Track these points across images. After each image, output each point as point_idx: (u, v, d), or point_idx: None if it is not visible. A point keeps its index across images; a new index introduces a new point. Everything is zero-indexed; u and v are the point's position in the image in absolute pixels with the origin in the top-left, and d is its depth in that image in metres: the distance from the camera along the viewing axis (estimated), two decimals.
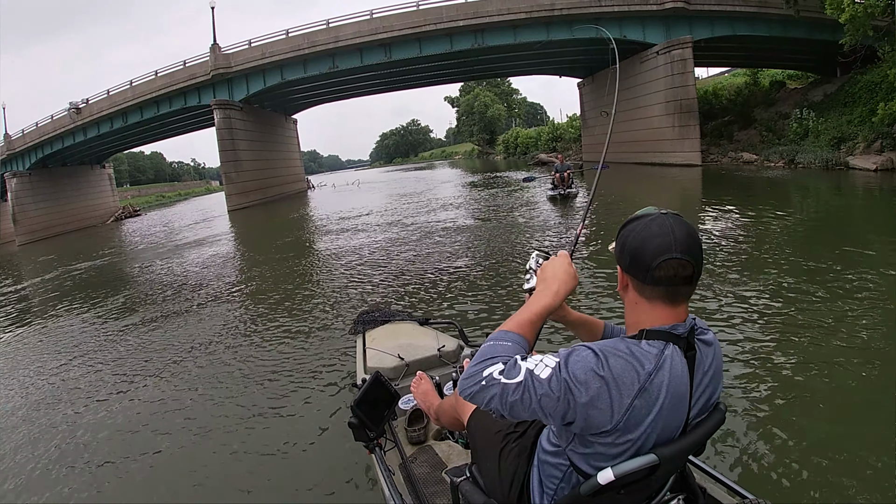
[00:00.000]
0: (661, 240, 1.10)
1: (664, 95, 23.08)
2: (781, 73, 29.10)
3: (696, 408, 1.16)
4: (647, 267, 1.11)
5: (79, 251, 19.04)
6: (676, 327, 1.13)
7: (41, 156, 32.48)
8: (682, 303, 1.15)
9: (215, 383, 4.43)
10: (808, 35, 22.41)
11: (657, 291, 1.13)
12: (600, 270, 6.35)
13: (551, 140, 45.25)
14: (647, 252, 1.11)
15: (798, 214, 9.35)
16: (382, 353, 2.99)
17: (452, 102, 79.52)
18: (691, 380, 1.13)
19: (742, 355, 3.74)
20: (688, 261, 1.10)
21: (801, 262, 6.04)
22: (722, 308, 4.72)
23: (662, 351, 1.10)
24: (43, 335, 7.22)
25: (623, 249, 1.17)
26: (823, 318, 4.24)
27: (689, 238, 1.11)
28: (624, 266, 1.18)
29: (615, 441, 1.09)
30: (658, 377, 1.08)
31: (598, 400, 1.04)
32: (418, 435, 2.41)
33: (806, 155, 17.15)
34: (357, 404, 2.01)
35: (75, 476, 3.29)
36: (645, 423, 1.07)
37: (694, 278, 1.13)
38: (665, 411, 1.08)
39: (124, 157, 78.57)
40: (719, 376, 1.23)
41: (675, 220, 1.13)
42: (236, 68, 26.52)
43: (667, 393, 1.08)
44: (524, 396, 1.06)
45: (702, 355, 1.16)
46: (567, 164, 15.31)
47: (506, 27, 24.36)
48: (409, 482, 2.05)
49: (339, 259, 9.31)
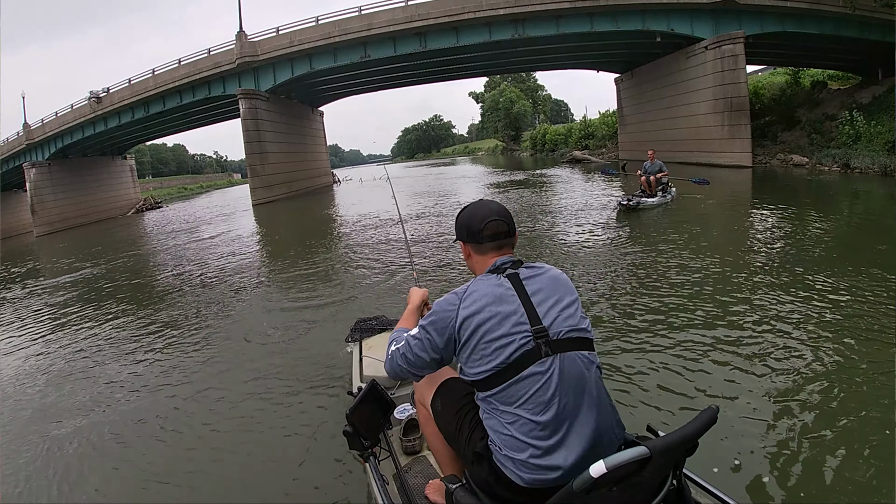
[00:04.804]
0: (482, 211, 1.66)
1: (712, 93, 21.71)
2: (822, 73, 27.85)
3: (546, 307, 1.50)
4: (478, 230, 1.63)
5: (95, 244, 18.51)
6: (496, 262, 1.60)
7: (61, 146, 31.94)
8: (506, 250, 1.66)
9: (204, 392, 4.28)
10: (858, 34, 21.18)
11: (489, 247, 1.64)
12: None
13: (583, 137, 43.56)
14: (475, 221, 1.65)
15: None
16: (379, 361, 2.93)
17: (477, 98, 78.49)
18: (519, 290, 1.51)
19: (745, 361, 3.70)
20: (503, 220, 1.64)
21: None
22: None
23: (476, 280, 1.59)
24: (45, 332, 7.01)
25: (460, 227, 1.70)
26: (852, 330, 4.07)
27: (500, 208, 1.67)
28: (463, 238, 1.70)
29: (468, 339, 1.49)
30: (469, 290, 1.54)
31: (440, 312, 1.56)
32: (413, 445, 2.43)
33: (862, 159, 15.97)
34: (352, 412, 2.00)
35: (72, 478, 3.26)
36: (477, 318, 1.48)
37: (510, 233, 1.66)
38: (489, 308, 1.48)
39: (146, 149, 78.94)
40: (560, 292, 1.55)
41: (489, 200, 1.72)
42: (263, 57, 25.44)
43: (480, 297, 1.50)
44: (409, 342, 1.63)
45: (526, 276, 1.55)
46: (658, 164, 11.27)
47: (549, 17, 22.99)
48: (403, 492, 2.03)
49: (363, 272, 8.10)
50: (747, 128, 20.78)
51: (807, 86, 26.04)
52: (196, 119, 36.42)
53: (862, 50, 22.33)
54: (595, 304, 5.31)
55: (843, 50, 23.64)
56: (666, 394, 3.38)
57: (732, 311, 4.68)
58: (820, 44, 23.14)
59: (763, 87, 27.19)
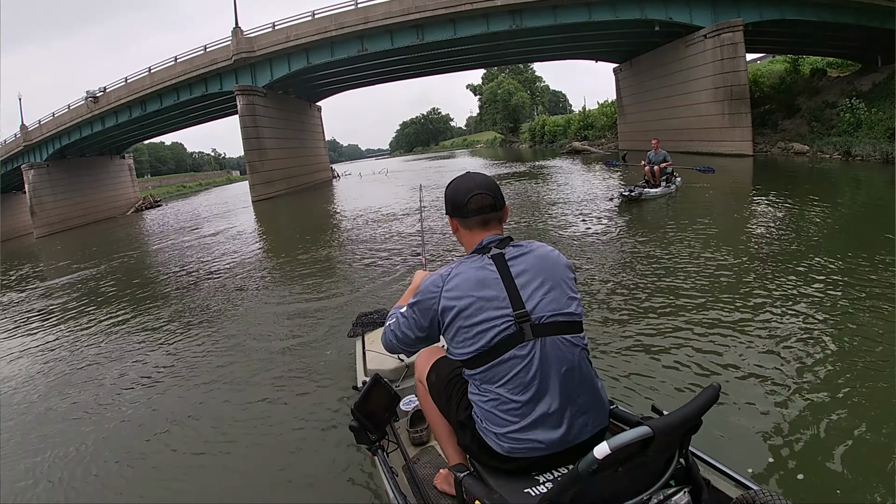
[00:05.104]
0: (467, 184, 1.64)
1: (712, 81, 21.55)
2: (821, 60, 27.49)
3: (530, 289, 1.50)
4: (462, 204, 1.61)
5: (95, 244, 18.47)
6: (483, 241, 1.60)
7: (59, 146, 31.81)
8: (493, 225, 1.64)
9: (211, 388, 4.27)
10: (857, 21, 20.92)
11: (474, 221, 1.62)
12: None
13: (582, 128, 43.34)
14: (459, 194, 1.63)
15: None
16: (382, 355, 2.98)
17: (475, 90, 78.03)
18: (503, 272, 1.52)
19: (750, 348, 3.71)
20: (487, 193, 1.62)
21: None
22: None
23: (461, 261, 1.58)
24: (46, 334, 6.98)
25: (447, 201, 1.68)
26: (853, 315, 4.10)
27: (486, 181, 1.65)
28: (449, 211, 1.68)
29: (451, 322, 1.52)
30: (452, 273, 1.55)
31: (424, 293, 1.58)
32: (421, 436, 2.42)
33: (863, 147, 15.85)
34: (358, 407, 2.02)
35: (78, 479, 3.24)
36: (458, 304, 1.50)
37: (496, 206, 1.63)
38: (471, 293, 1.50)
39: (145, 148, 78.62)
40: (546, 272, 1.54)
41: (475, 173, 1.67)
42: (259, 53, 25.32)
43: (463, 281, 1.52)
44: (399, 320, 1.69)
45: (512, 256, 1.55)
46: (662, 153, 11.05)
47: (546, 7, 22.83)
48: (413, 483, 2.03)
49: (365, 264, 8.10)
50: (748, 116, 20.64)
51: (806, 73, 25.79)
52: (193, 117, 36.24)
53: (861, 37, 22.07)
54: (596, 291, 5.37)
55: (842, 37, 23.35)
56: (671, 374, 3.45)
57: (739, 298, 4.66)
58: (819, 31, 22.93)
59: (762, 76, 26.86)
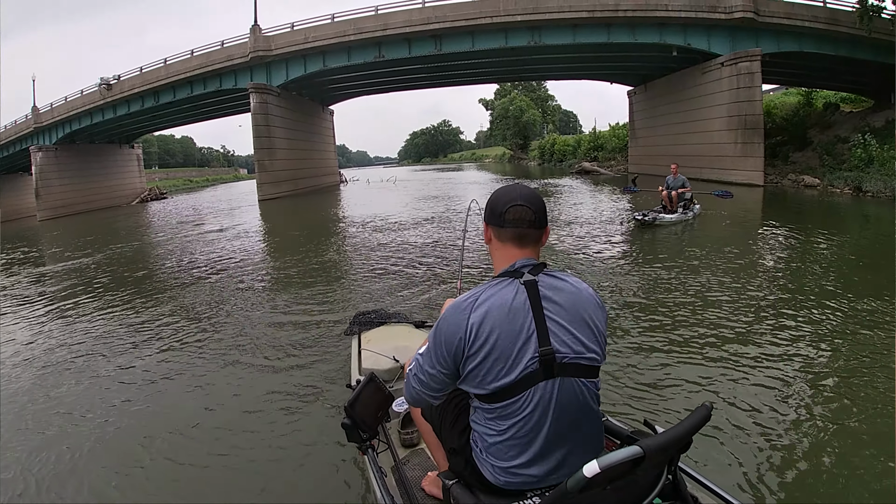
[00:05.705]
0: (511, 193, 1.50)
1: (727, 109, 21.53)
2: (834, 95, 27.54)
3: (559, 327, 1.40)
4: (500, 212, 1.48)
5: (99, 232, 18.36)
6: (516, 264, 1.46)
7: (69, 131, 31.81)
8: (529, 245, 1.49)
9: (204, 384, 4.28)
10: (874, 57, 20.99)
11: (509, 233, 1.48)
12: None
13: (592, 149, 43.35)
14: (499, 203, 1.50)
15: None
16: (378, 354, 3.03)
17: (487, 105, 78.45)
18: (535, 303, 1.40)
19: (744, 366, 3.85)
20: (529, 207, 1.47)
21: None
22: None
23: (490, 284, 1.45)
24: (43, 326, 6.73)
25: (487, 206, 1.55)
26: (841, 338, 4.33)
27: (531, 194, 1.50)
28: (486, 217, 1.55)
29: (475, 353, 1.39)
30: (481, 299, 1.41)
31: (448, 319, 1.43)
32: (411, 437, 2.44)
33: (874, 183, 15.81)
34: (351, 405, 2.01)
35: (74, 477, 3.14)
36: (485, 334, 1.37)
37: (537, 223, 1.48)
38: (500, 325, 1.38)
39: (154, 139, 78.87)
40: (578, 312, 1.43)
41: (522, 184, 1.55)
42: (276, 52, 25.35)
43: (493, 308, 1.39)
44: (419, 361, 1.52)
45: (546, 287, 1.43)
46: (681, 178, 10.96)
47: (565, 26, 22.85)
48: (402, 484, 2.04)
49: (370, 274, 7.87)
50: (760, 146, 20.60)
51: (819, 107, 25.77)
52: (205, 111, 36.27)
53: (877, 73, 22.10)
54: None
55: (858, 72, 23.42)
56: (665, 392, 3.55)
57: (749, 328, 4.69)
58: (834, 65, 23.00)
59: (776, 107, 26.85)
